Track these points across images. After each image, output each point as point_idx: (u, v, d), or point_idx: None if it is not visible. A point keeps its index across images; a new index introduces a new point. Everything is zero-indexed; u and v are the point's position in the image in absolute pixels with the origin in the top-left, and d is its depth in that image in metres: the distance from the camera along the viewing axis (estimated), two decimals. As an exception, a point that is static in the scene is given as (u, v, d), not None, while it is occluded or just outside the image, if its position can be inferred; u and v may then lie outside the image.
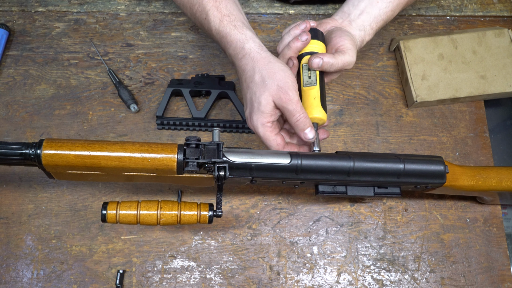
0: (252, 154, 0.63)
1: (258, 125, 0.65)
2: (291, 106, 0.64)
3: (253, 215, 0.79)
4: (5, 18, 0.92)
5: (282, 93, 0.63)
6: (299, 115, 0.64)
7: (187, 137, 0.62)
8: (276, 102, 0.64)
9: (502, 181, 0.72)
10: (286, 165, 0.63)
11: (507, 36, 0.88)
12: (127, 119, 0.85)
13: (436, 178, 0.68)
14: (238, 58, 0.67)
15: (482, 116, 0.87)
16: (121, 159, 0.60)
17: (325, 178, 0.65)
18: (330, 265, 0.77)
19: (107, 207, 0.61)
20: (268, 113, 0.65)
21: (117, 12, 0.93)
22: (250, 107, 0.66)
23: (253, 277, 0.76)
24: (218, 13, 0.67)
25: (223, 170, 0.61)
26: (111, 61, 0.89)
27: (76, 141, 0.61)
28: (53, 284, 0.74)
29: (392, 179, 0.66)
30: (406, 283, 0.76)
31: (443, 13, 0.95)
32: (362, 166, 0.64)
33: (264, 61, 0.65)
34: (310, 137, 0.66)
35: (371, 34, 0.76)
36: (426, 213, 0.81)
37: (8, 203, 0.78)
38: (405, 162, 0.65)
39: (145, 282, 0.75)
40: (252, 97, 0.65)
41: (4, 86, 0.86)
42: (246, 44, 0.66)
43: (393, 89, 0.89)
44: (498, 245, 0.79)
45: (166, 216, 0.61)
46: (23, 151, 0.60)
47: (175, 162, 0.60)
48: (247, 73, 0.66)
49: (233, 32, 0.66)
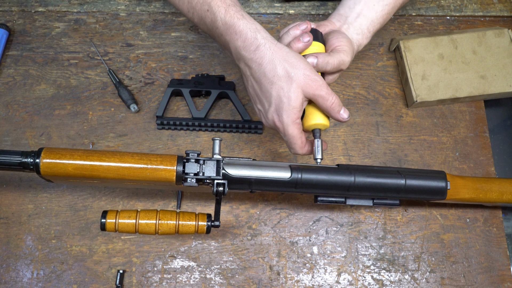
0: (252, 167, 0.63)
1: (289, 123, 0.61)
2: (323, 91, 0.61)
3: (253, 215, 0.79)
4: (5, 18, 0.92)
5: (311, 81, 0.60)
6: (332, 98, 0.62)
7: (186, 151, 0.62)
8: (306, 91, 0.61)
9: (503, 194, 0.72)
10: (286, 180, 0.63)
11: (507, 36, 0.88)
12: (127, 119, 0.85)
13: (437, 194, 0.68)
14: (251, 50, 0.61)
15: (482, 116, 0.87)
16: (120, 171, 0.60)
17: (325, 192, 0.65)
18: (330, 265, 0.77)
19: (106, 216, 0.61)
20: (298, 108, 0.61)
21: (117, 12, 0.93)
22: (277, 104, 0.61)
23: (253, 277, 0.76)
24: (222, 3, 0.63)
25: (222, 187, 0.61)
26: (111, 61, 0.89)
27: (75, 151, 0.60)
28: (53, 284, 0.74)
29: (392, 194, 0.66)
30: (406, 283, 0.76)
31: (443, 13, 0.95)
32: (363, 182, 0.64)
33: (282, 52, 0.61)
34: (346, 116, 0.63)
35: (368, 38, 0.75)
36: (426, 213, 0.81)
37: (8, 203, 0.78)
38: (407, 178, 0.65)
39: (145, 282, 0.75)
40: (280, 92, 0.61)
41: (4, 86, 0.86)
42: (258, 34, 0.61)
43: (393, 89, 0.89)
44: (498, 245, 0.79)
45: (164, 226, 0.62)
46: (22, 160, 0.60)
47: (174, 176, 0.61)
48: (266, 67, 0.61)
49: (242, 21, 0.61)
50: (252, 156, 0.83)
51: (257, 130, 0.83)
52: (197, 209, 0.79)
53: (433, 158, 0.84)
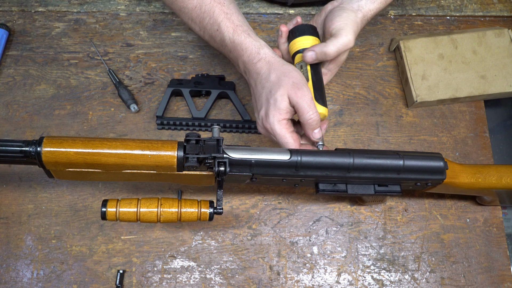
0: (252, 150, 0.64)
1: (275, 121, 0.66)
2: (305, 103, 0.65)
3: (253, 215, 0.79)
4: (5, 18, 0.92)
5: (297, 89, 0.65)
6: (312, 113, 0.65)
7: (187, 134, 0.62)
8: (291, 98, 0.65)
9: (502, 178, 0.72)
10: (285, 161, 0.63)
11: (507, 36, 0.88)
12: (127, 119, 0.85)
13: (436, 174, 0.68)
14: (253, 62, 0.68)
15: (482, 116, 0.87)
16: (121, 155, 0.60)
17: (325, 174, 0.65)
18: (330, 265, 0.77)
19: (106, 204, 0.60)
20: (284, 110, 0.65)
21: (117, 12, 0.93)
22: (266, 105, 0.67)
23: (253, 277, 0.76)
24: (230, 24, 0.69)
25: (223, 166, 0.61)
26: (111, 61, 0.89)
27: (77, 138, 0.61)
28: (53, 284, 0.74)
29: (392, 175, 0.66)
30: (406, 283, 0.76)
31: (443, 13, 0.95)
32: (362, 162, 0.64)
33: (279, 64, 0.67)
34: (318, 137, 0.67)
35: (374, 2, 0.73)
36: (426, 213, 0.81)
37: (8, 203, 0.78)
38: (405, 158, 0.66)
39: (145, 282, 0.75)
40: (268, 95, 0.66)
41: (4, 86, 0.86)
42: (261, 50, 0.68)
43: (393, 89, 0.89)
44: (498, 245, 0.79)
45: (167, 213, 0.61)
46: (23, 149, 0.60)
47: (175, 159, 0.60)
48: (263, 75, 0.68)
49: (248, 39, 0.69)
50: (252, 156, 0.83)
51: (257, 130, 0.83)
52: (197, 209, 0.79)
53: (433, 158, 0.84)
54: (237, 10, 0.72)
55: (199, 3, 0.71)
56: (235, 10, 0.71)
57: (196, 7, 0.71)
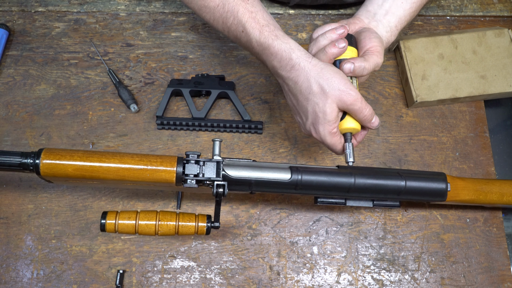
0: (252, 168, 0.63)
1: (326, 134, 0.64)
2: (357, 105, 0.63)
3: (253, 215, 0.79)
4: (5, 18, 0.92)
5: (346, 96, 0.62)
6: (366, 110, 0.63)
7: (186, 152, 0.62)
8: (340, 106, 0.63)
9: (503, 196, 0.72)
10: (286, 181, 0.63)
11: (507, 36, 0.88)
12: (127, 119, 0.85)
13: (437, 196, 0.68)
14: (286, 69, 0.64)
15: (482, 116, 0.87)
16: (120, 172, 0.60)
17: (325, 193, 0.66)
18: (330, 265, 0.77)
19: (106, 217, 0.61)
20: (333, 121, 0.63)
21: (117, 12, 0.93)
22: (313, 118, 0.64)
23: (253, 277, 0.76)
24: (256, 24, 0.64)
25: (221, 188, 0.61)
26: (111, 61, 0.89)
27: (75, 152, 0.60)
28: (53, 284, 0.74)
29: (393, 196, 0.66)
30: (406, 283, 0.76)
31: (443, 13, 0.95)
32: (363, 183, 0.64)
33: (316, 69, 0.63)
34: (376, 124, 0.66)
35: (395, 35, 0.74)
36: (426, 213, 0.81)
37: (8, 203, 0.78)
38: (407, 180, 0.65)
39: (145, 282, 0.75)
40: (315, 108, 0.63)
41: (4, 86, 0.86)
42: (293, 54, 0.63)
43: (393, 89, 0.89)
44: (498, 245, 0.79)
45: (164, 227, 0.62)
46: (22, 161, 0.60)
47: (174, 177, 0.61)
48: (302, 85, 0.64)
49: (276, 42, 0.63)
50: (252, 156, 0.83)
51: (257, 130, 0.83)
52: (197, 209, 0.79)
53: (433, 158, 0.84)
54: (262, 7, 0.67)
55: (222, 1, 0.66)
56: (260, 7, 0.66)
57: (219, 6, 0.66)
